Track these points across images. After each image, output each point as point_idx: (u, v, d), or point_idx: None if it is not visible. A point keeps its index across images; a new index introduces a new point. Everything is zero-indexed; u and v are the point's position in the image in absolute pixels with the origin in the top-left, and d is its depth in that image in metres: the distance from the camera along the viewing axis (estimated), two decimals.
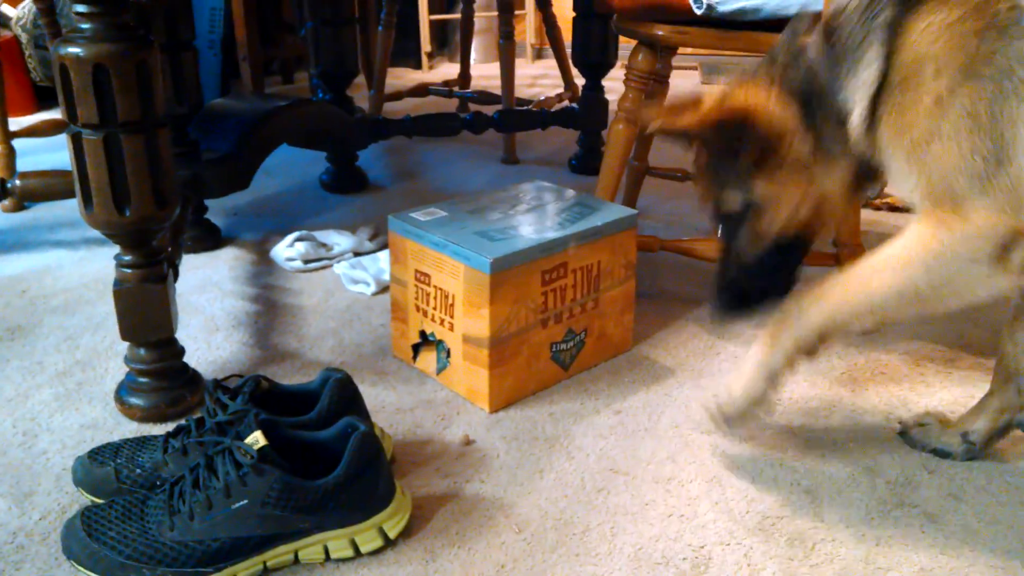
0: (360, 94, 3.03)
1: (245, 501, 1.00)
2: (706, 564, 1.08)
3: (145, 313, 1.28)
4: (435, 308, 1.43)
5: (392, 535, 1.09)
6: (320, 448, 1.09)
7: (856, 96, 1.06)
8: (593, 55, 2.60)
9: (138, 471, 1.12)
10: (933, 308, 1.05)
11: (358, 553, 1.07)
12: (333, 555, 1.06)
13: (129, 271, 1.27)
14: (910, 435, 1.33)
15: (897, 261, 1.05)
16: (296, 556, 1.05)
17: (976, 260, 0.99)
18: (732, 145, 1.16)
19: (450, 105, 3.32)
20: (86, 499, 1.14)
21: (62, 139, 1.34)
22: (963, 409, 1.39)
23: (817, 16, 1.16)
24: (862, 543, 1.12)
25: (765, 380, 1.17)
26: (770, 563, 1.08)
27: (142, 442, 1.17)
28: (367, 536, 1.07)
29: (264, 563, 1.04)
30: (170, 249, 1.41)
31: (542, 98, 3.10)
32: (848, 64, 1.07)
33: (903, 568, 1.08)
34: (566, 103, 3.13)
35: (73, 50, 1.13)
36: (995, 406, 1.27)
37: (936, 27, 1.00)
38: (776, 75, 1.16)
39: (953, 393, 1.46)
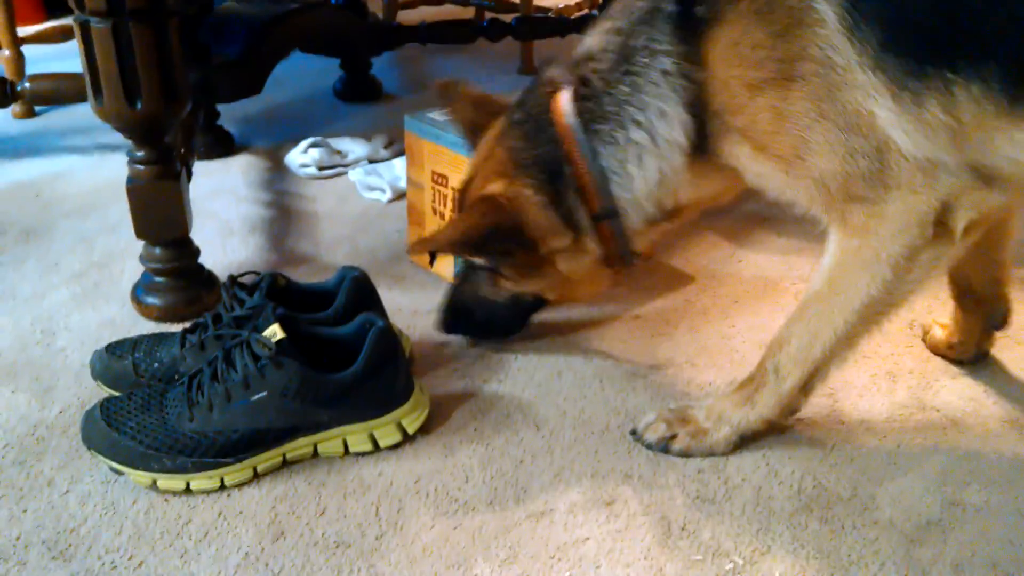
0: (375, 2, 2.94)
1: (264, 393, 1.00)
2: (724, 462, 1.08)
3: (159, 210, 1.26)
4: (453, 211, 1.41)
5: (411, 430, 1.09)
6: (338, 344, 1.08)
7: (648, 156, 1.05)
8: None
9: (156, 365, 1.12)
10: (901, 304, 1.01)
11: (377, 447, 1.08)
12: (352, 449, 1.07)
13: (142, 167, 1.25)
14: (928, 336, 1.32)
15: (844, 287, 1.00)
16: (315, 449, 1.06)
17: (918, 248, 0.95)
18: (482, 250, 1.16)
19: (466, 14, 3.23)
20: (105, 392, 1.14)
21: (72, 47, 1.30)
22: None
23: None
24: (883, 444, 1.11)
25: (734, 445, 1.09)
26: (789, 463, 1.08)
27: (160, 337, 1.16)
28: (386, 431, 1.07)
29: (284, 455, 1.04)
30: (183, 150, 1.39)
31: (561, 6, 3.02)
32: (621, 127, 1.05)
33: (924, 468, 1.07)
34: (586, 11, 3.04)
35: None
36: (972, 323, 1.26)
37: (728, 46, 0.96)
38: (516, 145, 1.13)
39: None
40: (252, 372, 1.00)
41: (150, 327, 1.32)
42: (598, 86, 1.06)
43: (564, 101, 1.09)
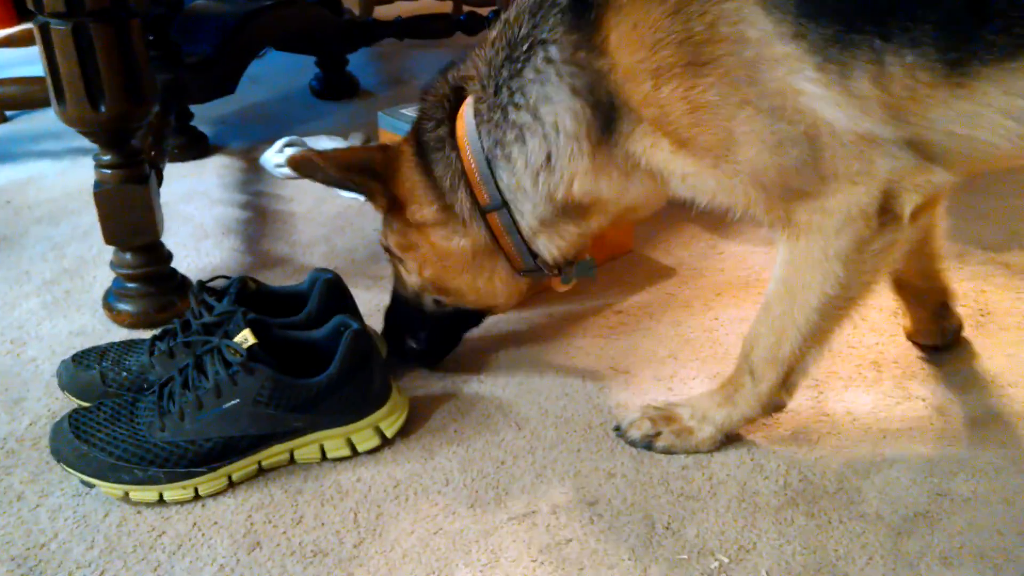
0: None
1: (236, 400, 0.98)
2: (709, 459, 1.06)
3: (128, 215, 1.23)
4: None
5: (389, 434, 1.07)
6: (312, 348, 1.06)
7: (548, 145, 0.99)
8: None
9: (124, 374, 1.09)
10: (863, 295, 0.96)
11: (355, 452, 1.05)
12: (330, 454, 1.04)
13: (109, 172, 1.22)
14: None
15: (799, 287, 0.96)
16: (292, 456, 1.04)
17: (866, 240, 0.90)
18: (352, 185, 1.13)
19: (444, 8, 3.20)
20: (73, 403, 1.11)
21: None
22: (974, 304, 1.37)
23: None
24: (868, 435, 1.10)
25: (718, 443, 1.07)
26: (774, 457, 1.06)
27: (128, 345, 1.14)
28: (363, 435, 1.05)
29: (259, 463, 1.02)
30: (153, 153, 1.36)
31: None
32: (505, 114, 1.01)
33: (910, 459, 1.06)
34: None
35: None
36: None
37: (627, 29, 0.88)
38: (421, 126, 1.11)
39: (963, 288, 1.42)
40: (223, 379, 0.98)
41: (123, 334, 1.30)
42: (489, 77, 1.03)
43: (465, 97, 1.08)
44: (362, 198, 1.75)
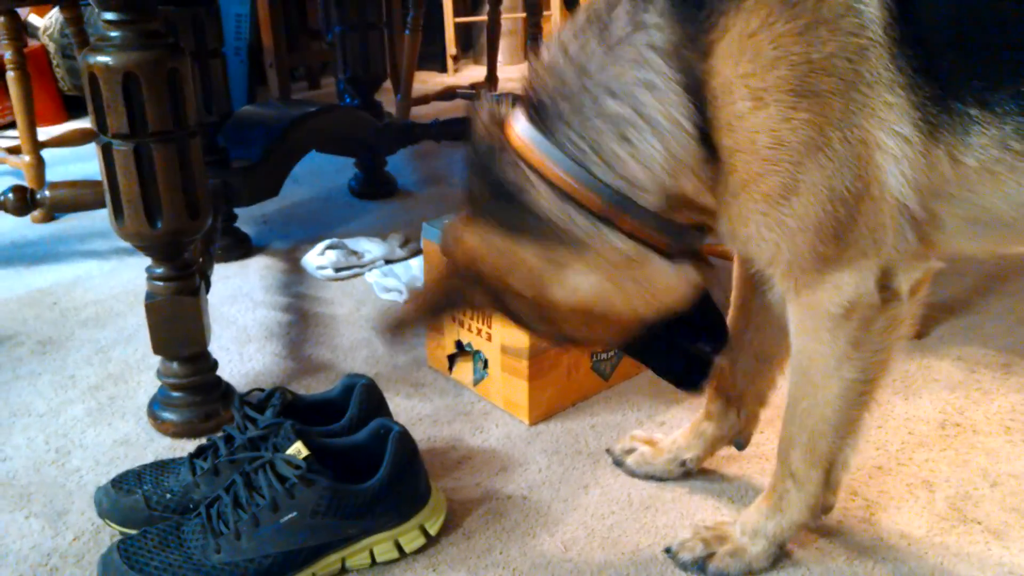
0: (386, 99, 3.00)
1: (294, 513, 0.98)
2: None
3: (178, 326, 1.25)
4: (472, 318, 1.39)
5: (433, 532, 1.08)
6: (353, 453, 1.07)
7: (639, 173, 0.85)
8: None
9: (168, 496, 1.08)
10: (882, 375, 0.94)
11: (403, 554, 1.06)
12: (379, 558, 1.05)
13: (161, 284, 1.24)
14: (625, 463, 1.23)
15: (820, 378, 0.93)
16: (343, 564, 1.04)
17: (871, 319, 0.88)
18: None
19: None
20: (114, 530, 1.10)
21: (91, 148, 1.32)
22: (1023, 417, 1.34)
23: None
24: (924, 562, 1.07)
25: (773, 557, 1.04)
26: None
27: (162, 466, 1.14)
28: (410, 536, 1.06)
29: (313, 574, 1.02)
30: (201, 260, 1.39)
31: None
32: (591, 104, 0.85)
33: None
34: None
35: (102, 59, 1.10)
36: (712, 433, 1.19)
37: (741, 36, 0.78)
38: (478, 195, 0.93)
39: (1011, 400, 1.40)
40: (280, 493, 0.98)
41: (165, 444, 1.30)
42: (551, 84, 0.88)
43: (514, 118, 0.92)
44: (402, 299, 1.77)
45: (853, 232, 0.83)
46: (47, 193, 1.83)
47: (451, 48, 4.52)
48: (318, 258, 1.92)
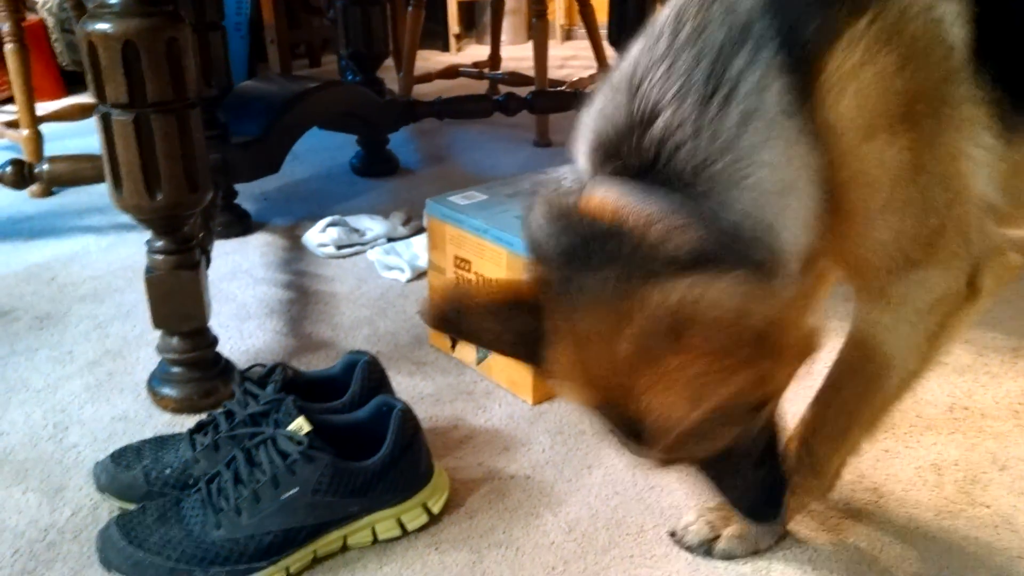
0: (388, 77, 2.97)
1: (296, 490, 0.96)
2: (768, 567, 1.02)
3: (178, 301, 1.23)
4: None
5: (435, 511, 1.07)
6: (355, 430, 1.05)
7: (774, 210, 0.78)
8: (630, 34, 2.52)
9: (167, 471, 1.07)
10: (933, 363, 0.93)
11: (405, 532, 1.05)
12: (381, 536, 1.03)
13: (161, 257, 1.22)
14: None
15: (881, 366, 0.91)
16: (345, 542, 1.02)
17: (951, 314, 0.88)
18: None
19: (480, 87, 3.26)
20: (112, 503, 1.09)
21: (90, 124, 1.30)
22: None
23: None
24: (933, 546, 1.06)
25: (777, 536, 1.04)
26: (836, 567, 1.02)
27: (160, 442, 1.12)
28: (413, 514, 1.05)
29: (315, 552, 1.00)
30: (201, 235, 1.37)
31: (575, 79, 3.03)
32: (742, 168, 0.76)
33: (979, 572, 1.01)
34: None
35: (101, 26, 1.08)
36: None
37: (844, 75, 0.77)
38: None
39: (1020, 384, 1.38)
40: (281, 469, 0.96)
41: (164, 419, 1.29)
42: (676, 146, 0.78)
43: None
44: (403, 278, 1.75)
45: (944, 236, 0.84)
46: (45, 167, 1.81)
47: (454, 27, 4.49)
48: (319, 235, 1.90)
